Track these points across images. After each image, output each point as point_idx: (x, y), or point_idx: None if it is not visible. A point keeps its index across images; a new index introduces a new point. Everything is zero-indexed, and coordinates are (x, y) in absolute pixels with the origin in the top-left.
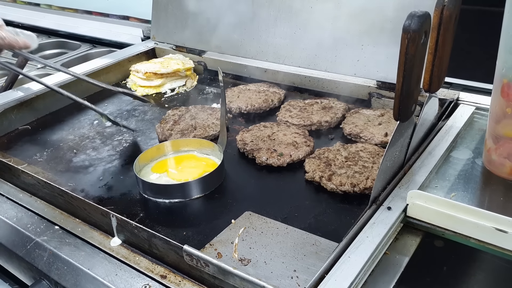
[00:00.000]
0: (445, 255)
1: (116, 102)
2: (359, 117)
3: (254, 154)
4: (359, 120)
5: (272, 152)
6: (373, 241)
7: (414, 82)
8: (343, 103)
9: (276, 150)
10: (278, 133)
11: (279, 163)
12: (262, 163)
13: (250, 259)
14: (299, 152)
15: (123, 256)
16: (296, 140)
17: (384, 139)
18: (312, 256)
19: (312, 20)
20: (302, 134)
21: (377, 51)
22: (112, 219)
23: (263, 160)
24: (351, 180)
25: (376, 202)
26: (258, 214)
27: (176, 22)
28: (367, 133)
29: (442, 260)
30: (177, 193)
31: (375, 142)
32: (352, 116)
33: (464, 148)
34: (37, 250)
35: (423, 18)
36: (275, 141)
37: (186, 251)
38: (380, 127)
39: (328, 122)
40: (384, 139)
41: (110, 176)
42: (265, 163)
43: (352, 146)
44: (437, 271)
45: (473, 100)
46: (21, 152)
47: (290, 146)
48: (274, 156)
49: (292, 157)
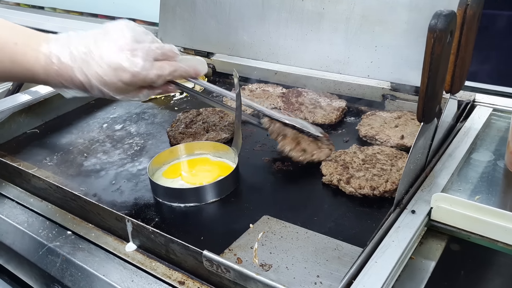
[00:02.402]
0: (462, 259)
1: (124, 105)
2: (375, 119)
3: (279, 139)
4: (375, 122)
5: (296, 144)
6: (399, 245)
7: (439, 83)
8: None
9: (301, 143)
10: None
11: (300, 159)
12: (282, 153)
13: (271, 265)
14: (321, 153)
15: (139, 261)
16: (319, 141)
17: (400, 142)
18: (335, 261)
19: (324, 22)
20: (325, 137)
21: (392, 53)
22: (128, 224)
23: (286, 150)
24: (371, 183)
25: (399, 205)
26: (276, 218)
27: (184, 24)
28: (383, 135)
29: (460, 264)
30: (192, 197)
31: (391, 145)
32: (368, 118)
33: (484, 150)
34: (50, 256)
35: (450, 17)
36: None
37: (206, 257)
38: (396, 129)
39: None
40: (401, 142)
41: (122, 180)
42: (285, 154)
43: (369, 148)
44: (455, 275)
45: (490, 101)
46: (30, 156)
47: (312, 144)
48: (298, 150)
49: (313, 157)
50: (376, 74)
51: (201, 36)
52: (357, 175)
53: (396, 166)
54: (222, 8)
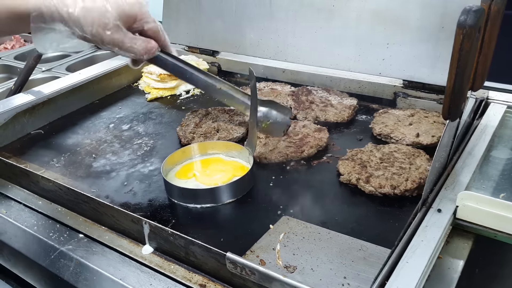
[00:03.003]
0: (490, 258)
1: (130, 105)
2: (389, 117)
3: None
4: (388, 120)
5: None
6: (429, 245)
7: (466, 80)
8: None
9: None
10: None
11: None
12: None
13: (295, 266)
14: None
15: (157, 264)
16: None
17: (416, 140)
18: (361, 262)
19: (334, 19)
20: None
21: (404, 50)
22: (145, 226)
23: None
24: (391, 182)
25: (425, 204)
26: (296, 218)
27: (188, 22)
28: (398, 133)
29: (488, 263)
30: (208, 198)
31: (407, 143)
32: (382, 116)
33: (503, 148)
34: (62, 260)
35: (479, 13)
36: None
37: (230, 259)
38: (411, 127)
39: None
40: (416, 140)
41: (134, 181)
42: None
43: (385, 147)
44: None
45: (503, 98)
46: (36, 157)
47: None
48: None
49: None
50: (388, 72)
51: (206, 34)
52: (376, 174)
53: (414, 165)
54: (228, 6)
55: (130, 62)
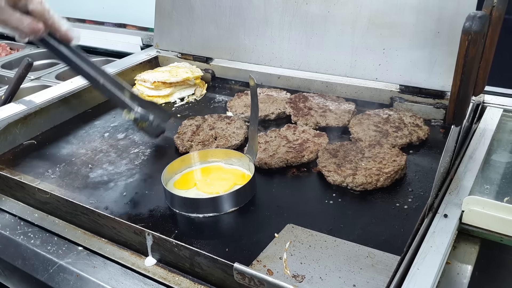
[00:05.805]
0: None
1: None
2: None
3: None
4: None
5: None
6: (438, 250)
7: (471, 85)
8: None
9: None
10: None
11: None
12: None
13: (303, 275)
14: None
15: (161, 276)
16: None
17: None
18: (369, 269)
19: (330, 25)
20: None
21: (400, 55)
22: (148, 237)
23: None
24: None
25: (431, 209)
26: (300, 226)
27: (181, 29)
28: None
29: (496, 267)
30: (210, 207)
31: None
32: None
33: (502, 151)
34: (62, 273)
35: (484, 19)
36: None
37: (238, 269)
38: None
39: None
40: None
41: (134, 191)
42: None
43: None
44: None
45: (499, 102)
46: (31, 168)
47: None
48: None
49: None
50: (385, 77)
51: (200, 41)
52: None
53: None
54: (221, 12)
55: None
